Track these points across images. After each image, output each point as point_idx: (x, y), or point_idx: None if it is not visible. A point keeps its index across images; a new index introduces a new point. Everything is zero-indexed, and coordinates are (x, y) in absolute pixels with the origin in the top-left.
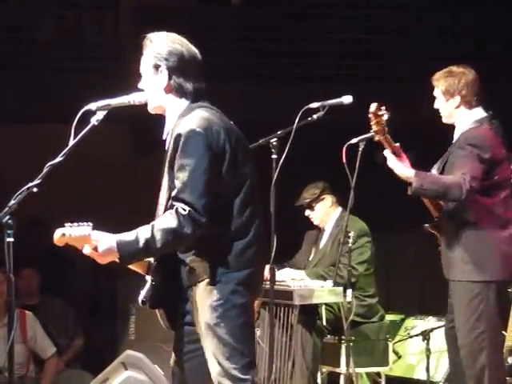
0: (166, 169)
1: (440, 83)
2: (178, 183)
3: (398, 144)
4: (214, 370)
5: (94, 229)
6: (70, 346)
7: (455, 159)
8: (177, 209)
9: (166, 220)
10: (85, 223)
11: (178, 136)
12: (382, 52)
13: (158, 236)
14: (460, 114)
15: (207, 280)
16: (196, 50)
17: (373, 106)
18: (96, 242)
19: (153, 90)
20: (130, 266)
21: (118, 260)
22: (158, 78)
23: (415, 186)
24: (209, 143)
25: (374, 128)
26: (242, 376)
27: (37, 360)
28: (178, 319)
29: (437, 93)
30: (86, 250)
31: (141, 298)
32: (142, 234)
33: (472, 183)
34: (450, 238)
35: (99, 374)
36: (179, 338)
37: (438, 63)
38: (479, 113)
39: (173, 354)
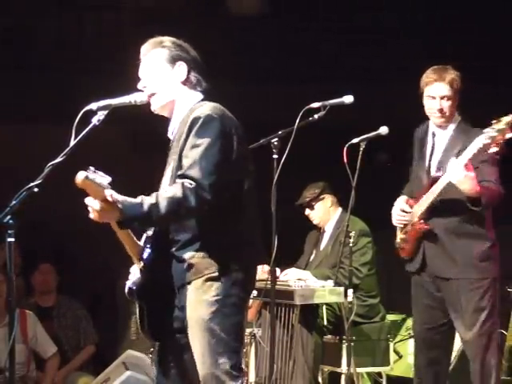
0: (176, 156)
1: (450, 79)
2: (187, 161)
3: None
4: (204, 366)
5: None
6: (80, 352)
7: (477, 163)
8: (183, 182)
9: (171, 190)
10: (106, 175)
11: (195, 119)
12: (383, 52)
13: (162, 203)
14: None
15: (207, 276)
16: None
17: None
18: (107, 195)
19: (166, 84)
20: (126, 247)
21: (118, 219)
22: (174, 72)
23: (484, 202)
24: (223, 129)
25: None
26: (235, 373)
27: (38, 360)
28: (166, 325)
29: (445, 90)
30: (91, 201)
31: (128, 286)
32: (146, 199)
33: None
34: (453, 236)
35: (100, 374)
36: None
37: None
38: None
39: (158, 366)
